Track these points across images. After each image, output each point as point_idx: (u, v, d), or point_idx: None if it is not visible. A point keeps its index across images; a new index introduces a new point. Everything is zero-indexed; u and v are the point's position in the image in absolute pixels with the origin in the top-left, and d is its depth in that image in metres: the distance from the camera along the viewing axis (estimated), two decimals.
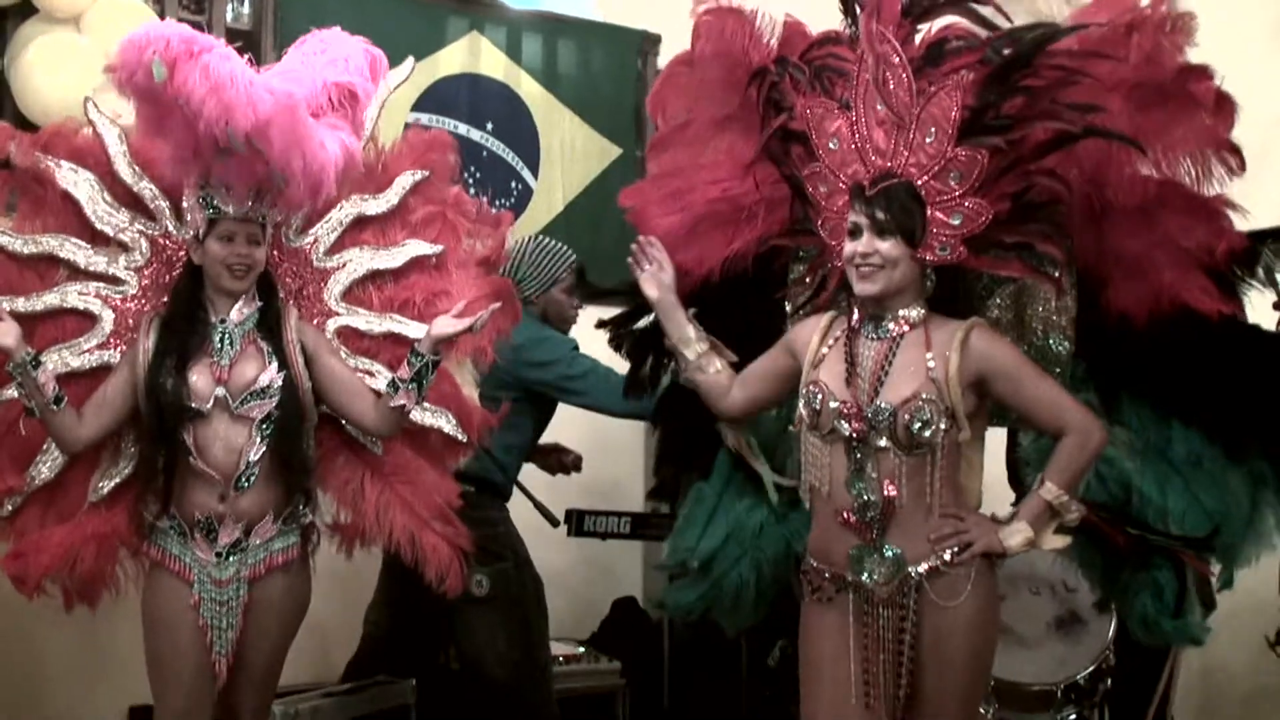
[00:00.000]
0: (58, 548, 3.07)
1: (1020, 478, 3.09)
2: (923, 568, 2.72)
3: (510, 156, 5.38)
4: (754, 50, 3.09)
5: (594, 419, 4.13)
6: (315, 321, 3.24)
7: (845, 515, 2.76)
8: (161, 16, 4.59)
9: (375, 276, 3.30)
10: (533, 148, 5.42)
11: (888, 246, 2.70)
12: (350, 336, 3.26)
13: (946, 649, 2.73)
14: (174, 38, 2.81)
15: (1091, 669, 3.89)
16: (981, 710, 3.41)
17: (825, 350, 2.84)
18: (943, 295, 2.82)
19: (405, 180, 3.34)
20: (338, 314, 3.26)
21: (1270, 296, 3.08)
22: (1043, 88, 2.71)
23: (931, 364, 2.71)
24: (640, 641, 5.05)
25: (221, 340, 3.04)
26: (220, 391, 3.01)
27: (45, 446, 3.09)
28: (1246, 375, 2.97)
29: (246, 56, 2.93)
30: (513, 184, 5.37)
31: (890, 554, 2.73)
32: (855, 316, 2.82)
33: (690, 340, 3.08)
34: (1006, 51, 2.74)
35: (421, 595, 3.41)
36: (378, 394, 3.13)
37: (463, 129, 5.19)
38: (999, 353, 2.76)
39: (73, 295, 3.11)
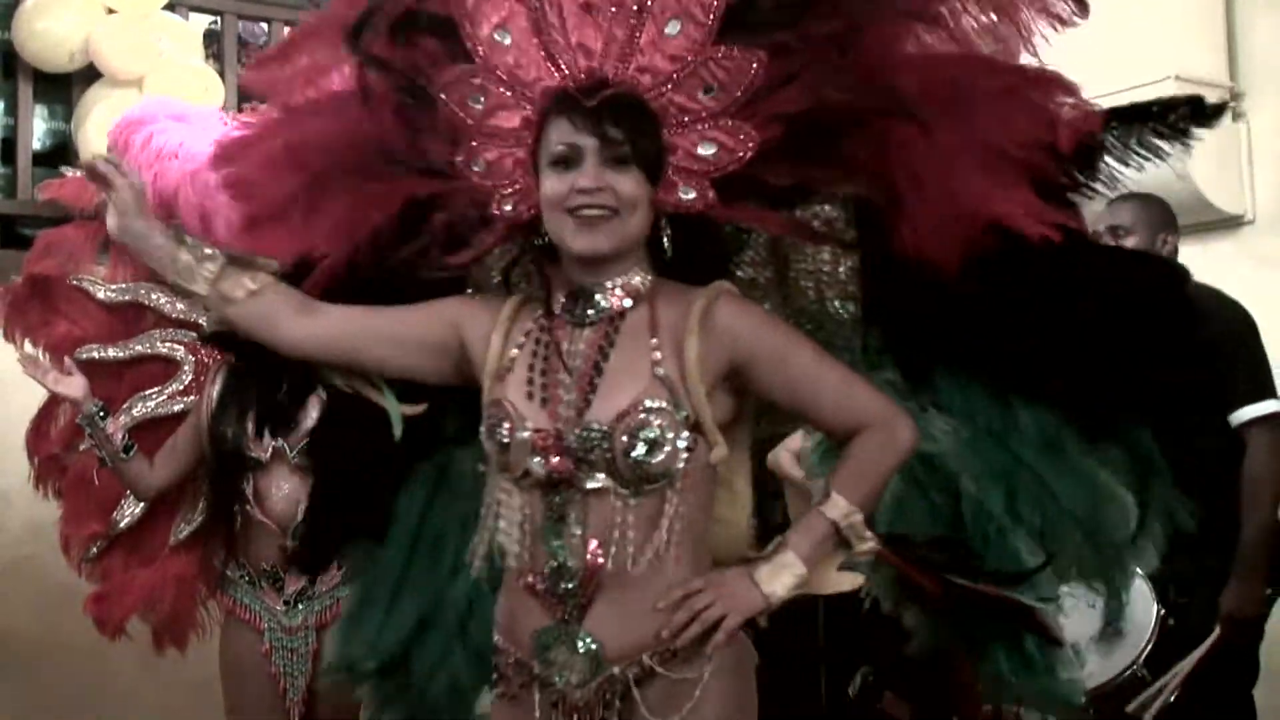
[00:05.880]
0: (140, 590, 3.17)
1: None
2: (632, 670, 1.86)
3: None
4: None
5: None
6: None
7: (533, 581, 1.89)
8: (221, 76, 4.70)
9: None
10: None
11: (627, 183, 1.83)
12: None
13: None
14: (123, 122, 2.91)
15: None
16: None
17: (514, 352, 1.93)
18: (685, 256, 1.94)
19: None
20: None
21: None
22: None
23: (658, 356, 1.86)
24: None
25: None
26: (279, 441, 3.04)
27: (127, 493, 3.18)
28: (1106, 318, 2.00)
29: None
30: None
31: (584, 647, 1.86)
32: (553, 299, 1.94)
33: (192, 265, 1.97)
34: None
35: None
36: None
37: None
38: (757, 326, 1.91)
39: (158, 341, 3.23)
